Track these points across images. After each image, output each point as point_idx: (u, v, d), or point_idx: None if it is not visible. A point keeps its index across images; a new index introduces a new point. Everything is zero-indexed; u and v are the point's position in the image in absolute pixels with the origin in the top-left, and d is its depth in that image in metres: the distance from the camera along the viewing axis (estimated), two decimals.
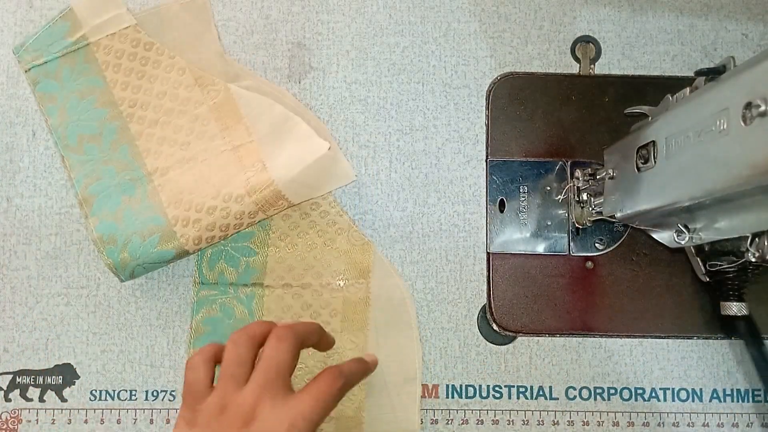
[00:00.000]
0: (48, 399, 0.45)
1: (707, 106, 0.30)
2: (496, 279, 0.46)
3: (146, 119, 0.44)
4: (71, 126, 0.44)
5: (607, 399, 0.45)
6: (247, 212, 0.42)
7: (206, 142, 0.44)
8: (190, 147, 0.44)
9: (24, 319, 0.46)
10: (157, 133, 0.44)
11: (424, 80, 0.48)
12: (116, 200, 0.44)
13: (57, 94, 0.45)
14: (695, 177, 0.31)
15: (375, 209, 0.47)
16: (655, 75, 0.48)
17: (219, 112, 0.44)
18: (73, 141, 0.44)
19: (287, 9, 0.48)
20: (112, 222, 0.43)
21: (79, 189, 0.44)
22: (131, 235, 0.42)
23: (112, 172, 0.44)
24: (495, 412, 0.45)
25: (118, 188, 0.44)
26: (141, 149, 0.44)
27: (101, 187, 0.44)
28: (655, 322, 0.45)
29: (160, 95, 0.45)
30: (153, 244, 0.42)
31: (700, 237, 0.35)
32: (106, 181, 0.44)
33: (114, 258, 0.42)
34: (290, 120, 0.43)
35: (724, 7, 0.48)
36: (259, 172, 0.42)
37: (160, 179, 0.44)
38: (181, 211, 0.43)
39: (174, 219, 0.42)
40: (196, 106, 0.44)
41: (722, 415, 0.45)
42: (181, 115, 0.44)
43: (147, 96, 0.44)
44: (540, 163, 0.47)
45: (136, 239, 0.42)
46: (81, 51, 0.44)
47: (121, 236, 0.43)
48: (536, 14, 0.48)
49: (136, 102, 0.44)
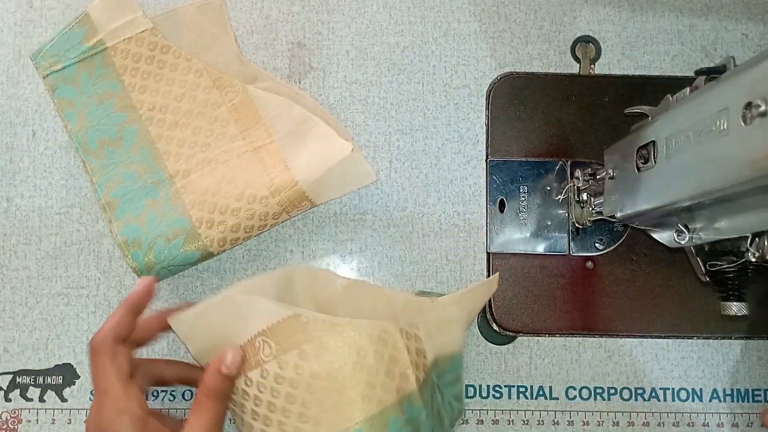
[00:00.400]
0: (48, 399, 0.45)
1: (707, 106, 0.30)
2: None
3: (165, 122, 0.44)
4: (91, 131, 0.44)
5: (607, 399, 0.45)
6: (271, 213, 0.43)
7: (226, 143, 0.44)
8: (211, 148, 0.44)
9: (24, 319, 0.46)
10: (176, 135, 0.44)
11: (424, 80, 0.48)
12: (139, 203, 0.44)
13: (76, 99, 0.44)
14: (695, 177, 0.31)
15: (375, 209, 0.47)
16: (655, 75, 0.48)
17: (238, 113, 0.44)
18: (94, 146, 0.44)
19: (287, 9, 0.48)
20: (137, 225, 0.43)
21: (101, 194, 0.44)
22: (156, 237, 0.43)
23: (134, 175, 0.44)
24: (495, 412, 0.45)
25: (141, 191, 0.44)
26: (161, 152, 0.44)
27: (124, 190, 0.44)
28: (655, 322, 0.45)
29: (179, 98, 0.45)
30: (178, 246, 0.42)
31: (700, 237, 0.35)
32: (129, 184, 0.44)
33: (139, 261, 0.42)
34: (309, 120, 0.43)
35: (724, 7, 0.48)
36: (282, 172, 0.43)
37: (182, 181, 0.44)
38: (205, 213, 0.43)
39: (198, 221, 0.43)
40: (215, 107, 0.44)
41: (722, 415, 0.45)
42: (200, 117, 0.45)
43: (165, 99, 0.44)
44: (540, 163, 0.47)
45: (160, 242, 0.42)
46: (98, 56, 0.44)
47: (146, 239, 0.43)
48: (536, 14, 0.48)
49: (155, 105, 0.44)
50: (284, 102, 0.44)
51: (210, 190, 0.43)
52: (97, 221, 0.46)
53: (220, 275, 0.46)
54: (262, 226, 0.43)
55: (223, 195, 0.43)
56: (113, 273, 0.46)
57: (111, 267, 0.46)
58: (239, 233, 0.43)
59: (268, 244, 0.46)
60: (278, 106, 0.44)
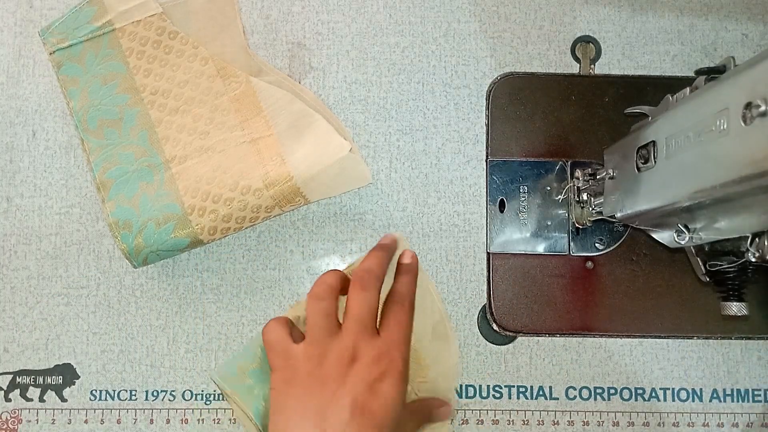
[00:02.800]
0: (48, 399, 0.45)
1: (707, 106, 0.30)
2: (496, 279, 0.46)
3: (167, 107, 0.45)
4: (92, 110, 0.45)
5: (607, 399, 0.45)
6: (264, 206, 0.43)
7: (225, 132, 0.44)
8: (209, 136, 0.44)
9: (24, 319, 0.46)
10: (176, 121, 0.44)
11: (424, 80, 0.48)
12: (134, 186, 0.44)
13: (80, 77, 0.45)
14: (695, 177, 0.31)
15: (375, 209, 0.47)
16: (655, 75, 0.48)
17: (239, 103, 0.44)
18: (93, 125, 0.44)
19: (287, 9, 0.48)
20: (129, 207, 0.43)
21: (97, 173, 0.44)
22: (147, 221, 0.43)
23: (131, 157, 0.44)
24: (495, 412, 0.45)
25: (136, 174, 0.44)
26: (160, 136, 0.44)
27: (119, 172, 0.44)
28: (655, 322, 0.45)
29: (182, 84, 0.45)
30: (168, 231, 0.42)
31: (700, 237, 0.35)
32: (125, 166, 0.44)
33: (128, 243, 0.43)
34: (310, 116, 0.43)
35: (724, 7, 0.48)
36: (278, 166, 0.43)
37: (177, 167, 0.44)
38: (198, 201, 0.43)
39: (190, 208, 0.43)
40: (217, 96, 0.45)
41: (722, 415, 0.45)
42: (202, 104, 0.45)
43: (169, 84, 0.45)
44: (540, 163, 0.47)
45: (151, 225, 0.43)
46: (106, 36, 0.45)
47: (137, 222, 0.43)
48: (536, 14, 0.48)
49: (158, 89, 0.45)
50: (286, 96, 0.44)
51: (205, 177, 0.43)
52: (97, 221, 0.46)
53: (220, 275, 0.46)
54: (254, 218, 0.43)
55: (217, 184, 0.43)
56: (113, 273, 0.46)
57: (111, 267, 0.46)
58: (230, 223, 0.43)
59: (268, 244, 0.46)
60: (280, 100, 0.44)
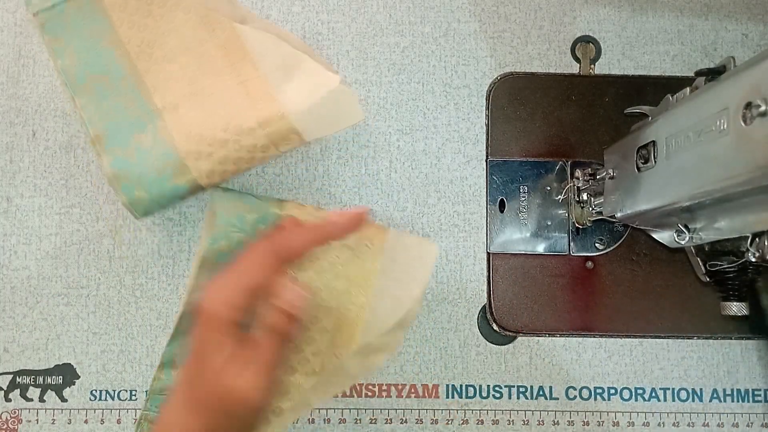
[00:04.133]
0: (48, 399, 0.45)
1: (707, 106, 0.30)
2: (496, 279, 0.46)
3: (153, 57, 0.45)
4: (79, 66, 0.44)
5: (607, 399, 0.45)
6: (259, 145, 0.43)
7: (213, 77, 0.44)
8: (198, 82, 0.44)
9: (24, 319, 0.46)
10: (164, 69, 0.45)
11: (424, 80, 0.48)
12: (127, 137, 0.44)
13: (64, 36, 0.45)
14: (695, 177, 0.31)
15: (375, 209, 0.47)
16: (655, 75, 0.48)
17: (225, 50, 0.44)
18: (82, 81, 0.44)
19: (287, 9, 0.48)
20: (125, 158, 0.43)
21: (90, 128, 0.44)
22: (145, 170, 0.43)
23: (122, 109, 0.44)
24: (495, 412, 0.45)
25: (129, 126, 0.44)
26: (149, 86, 0.44)
27: (112, 124, 0.44)
28: (655, 322, 0.45)
29: (166, 33, 0.45)
30: (167, 178, 0.42)
31: (700, 237, 0.35)
32: (118, 119, 0.44)
33: (130, 194, 0.43)
34: (297, 57, 0.43)
35: (724, 7, 0.48)
36: (268, 104, 0.43)
37: (169, 115, 0.44)
38: (193, 145, 0.43)
39: (186, 153, 0.43)
40: (202, 44, 0.45)
41: (722, 415, 0.45)
42: (187, 52, 0.45)
43: (153, 34, 0.45)
44: (540, 163, 0.47)
45: (150, 174, 0.43)
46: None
47: (135, 172, 0.43)
48: (536, 14, 0.48)
49: (143, 40, 0.45)
50: (272, 39, 0.44)
51: (197, 122, 0.43)
52: (97, 221, 0.46)
53: None
54: (250, 159, 0.43)
55: (209, 126, 0.43)
56: (113, 273, 0.46)
57: (111, 267, 0.46)
58: (227, 165, 0.43)
59: None
60: (265, 43, 0.44)
